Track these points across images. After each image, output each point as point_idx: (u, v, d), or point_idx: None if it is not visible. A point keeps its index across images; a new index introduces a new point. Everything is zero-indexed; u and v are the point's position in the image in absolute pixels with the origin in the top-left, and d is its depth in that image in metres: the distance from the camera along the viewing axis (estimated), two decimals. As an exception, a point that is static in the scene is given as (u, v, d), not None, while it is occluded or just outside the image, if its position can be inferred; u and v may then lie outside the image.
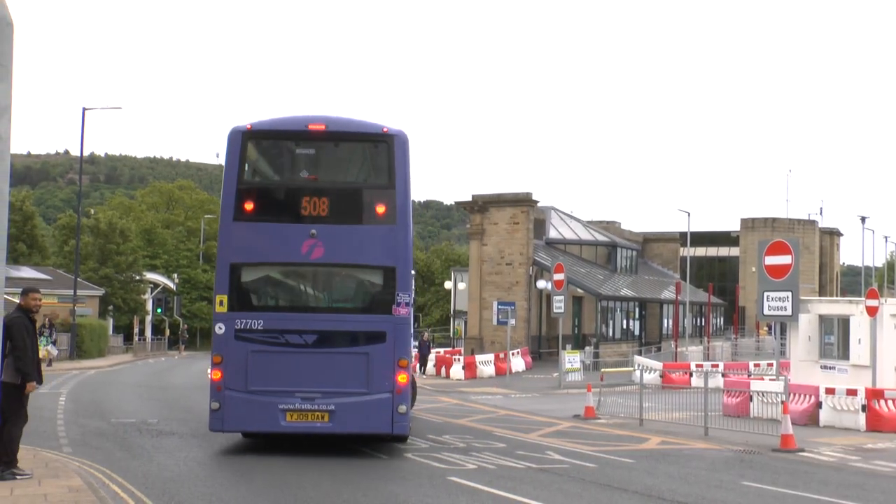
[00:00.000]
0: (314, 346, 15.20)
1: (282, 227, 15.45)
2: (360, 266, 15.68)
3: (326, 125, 15.80)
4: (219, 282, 15.50)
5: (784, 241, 23.16)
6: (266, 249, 15.51)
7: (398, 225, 15.29)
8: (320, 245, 15.19)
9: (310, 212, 15.30)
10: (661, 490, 12.84)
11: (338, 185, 16.09)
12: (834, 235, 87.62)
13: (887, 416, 20.73)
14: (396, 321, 15.24)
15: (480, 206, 53.66)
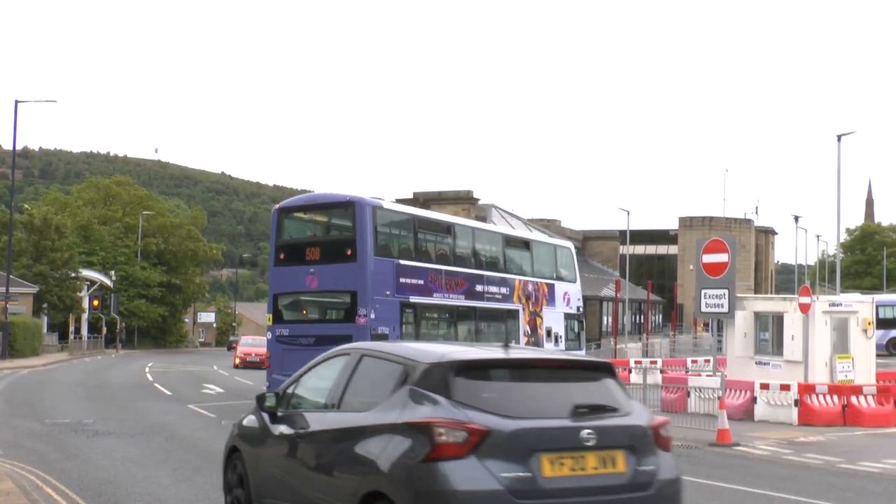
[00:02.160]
0: (314, 345, 20.60)
1: (295, 269, 22.56)
2: (337, 291, 22.20)
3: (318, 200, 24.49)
4: (269, 305, 23.81)
5: (721, 240, 23.50)
6: (288, 282, 22.94)
7: (359, 263, 21.37)
8: (315, 278, 22.13)
9: (309, 257, 22.44)
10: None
11: (324, 238, 23.48)
12: (769, 234, 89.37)
13: (819, 411, 21.20)
14: (358, 327, 20.91)
15: (422, 203, 53.67)
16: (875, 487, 13.53)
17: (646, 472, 6.87)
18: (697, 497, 12.24)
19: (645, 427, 7.05)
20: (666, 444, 7.27)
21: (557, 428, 6.61)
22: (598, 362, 7.57)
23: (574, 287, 30.27)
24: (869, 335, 24.27)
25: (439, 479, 6.27)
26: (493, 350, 7.57)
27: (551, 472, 6.46)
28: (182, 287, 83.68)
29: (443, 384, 6.69)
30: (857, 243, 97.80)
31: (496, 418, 6.46)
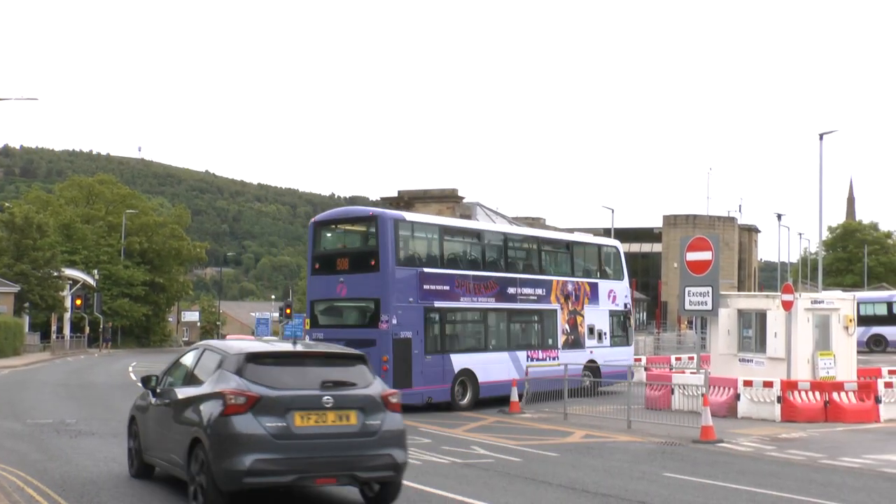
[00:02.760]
0: None
1: (328, 277, 24.24)
2: (363, 298, 23.59)
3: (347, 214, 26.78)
4: (307, 311, 25.78)
5: (705, 238, 23.63)
6: (322, 290, 24.69)
7: (381, 272, 22.88)
8: (344, 286, 23.79)
9: (339, 267, 24.05)
10: (584, 483, 13.00)
11: (351, 249, 24.90)
12: (752, 232, 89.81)
13: (801, 407, 21.32)
14: (381, 332, 22.65)
15: (406, 201, 53.72)
16: (855, 482, 13.64)
17: (373, 425, 10.28)
18: (682, 494, 12.31)
19: (374, 396, 10.49)
20: (394, 408, 10.66)
21: (306, 395, 10.10)
22: (353, 354, 11.12)
23: (621, 285, 30.81)
24: (850, 332, 24.41)
25: (228, 427, 9.81)
26: (282, 345, 11.71)
27: (301, 423, 9.97)
28: (166, 286, 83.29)
29: (238, 368, 10.34)
30: (838, 241, 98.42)
31: (266, 389, 10.01)
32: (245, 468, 9.69)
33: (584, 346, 28.53)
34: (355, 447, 10.20)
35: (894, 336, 50.08)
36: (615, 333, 29.99)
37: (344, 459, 10.14)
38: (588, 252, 30.79)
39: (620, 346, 29.88)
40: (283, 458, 9.83)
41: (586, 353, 28.39)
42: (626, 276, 31.58)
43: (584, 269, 29.95)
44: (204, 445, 10.02)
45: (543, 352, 27.35)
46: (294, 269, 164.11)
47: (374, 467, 10.33)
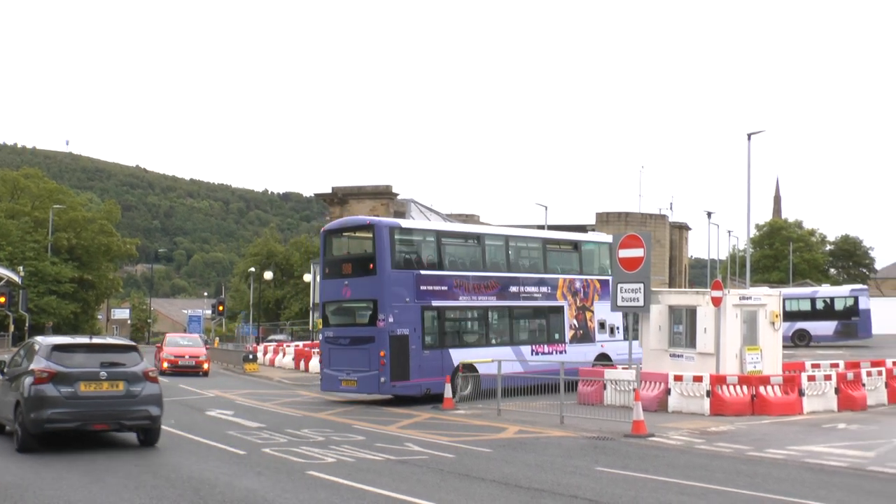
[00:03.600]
0: (349, 345, 25.69)
1: (336, 281, 26.31)
2: (364, 299, 25.51)
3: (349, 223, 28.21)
4: (320, 312, 28.28)
5: (636, 235, 23.90)
6: (331, 293, 26.81)
7: (378, 276, 24.87)
8: (348, 289, 25.86)
9: (345, 272, 26.10)
10: (517, 478, 13.08)
11: (353, 255, 26.80)
12: (683, 229, 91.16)
13: (729, 401, 21.74)
14: (379, 330, 24.67)
15: (340, 198, 53.48)
16: (780, 473, 13.96)
17: (135, 391, 15.59)
18: (613, 487, 12.46)
19: (138, 371, 15.81)
20: (153, 380, 16.02)
21: (88, 371, 15.32)
22: (127, 345, 16.68)
23: None
24: (776, 327, 24.96)
25: (36, 392, 14.96)
26: (81, 339, 17.23)
27: (84, 389, 15.18)
28: (95, 283, 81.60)
29: (47, 354, 15.50)
30: (765, 238, 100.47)
31: (62, 367, 15.20)
32: (45, 418, 14.90)
33: (595, 341, 29.95)
34: (121, 405, 15.44)
35: (817, 331, 51.38)
36: (627, 328, 30.54)
37: (113, 413, 15.40)
38: (598, 250, 31.98)
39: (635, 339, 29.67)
40: (72, 412, 15.04)
41: (597, 346, 29.79)
42: None
43: (594, 266, 31.17)
44: (21, 405, 15.12)
45: (549, 346, 28.79)
46: (227, 265, 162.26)
47: (135, 419, 15.69)
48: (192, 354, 39.52)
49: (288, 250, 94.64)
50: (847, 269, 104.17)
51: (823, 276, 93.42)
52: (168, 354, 39.71)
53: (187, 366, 38.87)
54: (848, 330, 51.23)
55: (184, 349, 40.27)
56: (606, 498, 11.61)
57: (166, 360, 39.31)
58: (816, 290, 58.05)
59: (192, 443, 16.94)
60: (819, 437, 17.94)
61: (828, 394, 22.81)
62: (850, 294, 53.13)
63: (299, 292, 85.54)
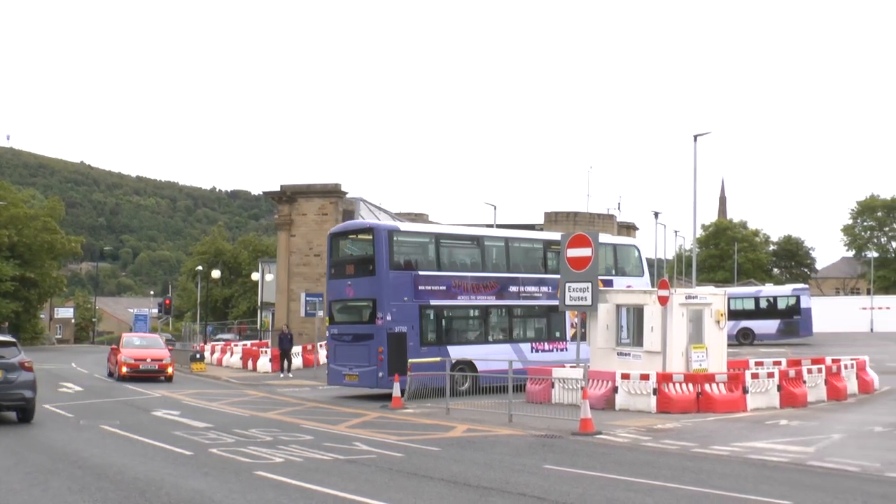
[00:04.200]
0: (351, 342, 27.30)
1: (340, 281, 27.92)
2: (364, 298, 27.02)
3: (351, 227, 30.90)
4: (327, 310, 29.86)
5: (584, 234, 24.10)
6: (337, 292, 28.22)
7: (377, 276, 26.43)
8: (351, 288, 27.45)
9: (348, 272, 27.69)
10: (466, 476, 13.12)
11: (355, 257, 28.27)
12: (630, 229, 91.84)
13: (675, 399, 22.03)
14: (378, 328, 26.20)
15: (289, 196, 53.05)
16: (724, 469, 14.18)
17: (11, 377, 18.93)
18: (561, 485, 12.54)
19: (14, 362, 19.13)
20: (28, 369, 19.37)
21: None
22: (8, 341, 20.16)
23: (640, 281, 32.59)
24: (721, 326, 25.32)
25: None
26: None
27: None
28: (38, 281, 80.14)
29: None
30: (711, 238, 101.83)
31: None
32: None
33: None
34: (2, 389, 18.78)
35: (761, 329, 52.28)
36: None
37: None
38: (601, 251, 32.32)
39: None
40: None
41: None
42: (646, 272, 33.94)
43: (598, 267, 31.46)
44: None
45: (550, 343, 29.93)
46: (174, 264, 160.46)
47: (12, 400, 19.13)
48: (154, 357, 35.39)
49: (236, 249, 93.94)
50: (789, 268, 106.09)
51: (767, 276, 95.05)
52: (127, 357, 35.11)
53: (149, 370, 34.84)
54: (790, 328, 52.21)
55: (144, 351, 35.95)
56: (554, 496, 11.69)
57: (125, 363, 34.85)
58: (760, 289, 59.06)
59: (138, 444, 16.73)
60: (762, 434, 18.27)
61: (771, 391, 23.23)
62: (792, 293, 54.14)
63: (247, 291, 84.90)
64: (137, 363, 34.89)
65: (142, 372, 34.61)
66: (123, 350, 35.82)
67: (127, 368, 34.68)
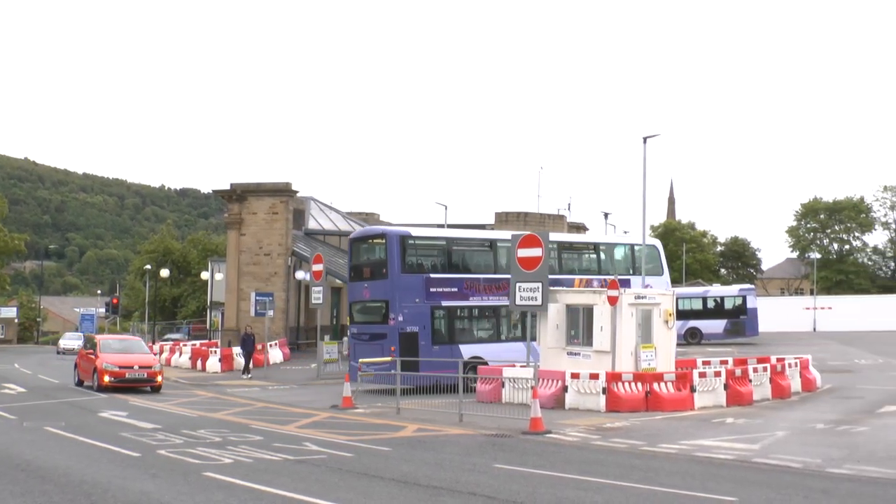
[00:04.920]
0: (367, 341, 28.83)
1: (358, 283, 30.09)
2: (378, 300, 28.79)
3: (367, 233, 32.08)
4: (348, 311, 32.06)
5: (535, 235, 24.23)
6: (355, 294, 30.54)
7: (389, 279, 28.18)
8: (367, 290, 29.40)
9: (365, 275, 29.62)
10: (416, 476, 13.13)
11: (371, 261, 29.84)
12: (581, 230, 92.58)
13: (624, 398, 22.25)
14: (390, 327, 27.91)
15: (239, 195, 52.63)
16: (672, 467, 14.36)
17: None
18: (511, 484, 12.60)
19: None
20: None
21: None
22: None
23: (659, 280, 33.79)
24: (670, 326, 25.62)
25: None
26: None
27: None
28: (-21, 280, 78.56)
29: None
30: (660, 239, 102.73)
31: None
32: None
33: None
34: None
35: (708, 329, 52.98)
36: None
37: None
38: (618, 252, 34.65)
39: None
40: None
41: None
42: (666, 271, 35.06)
43: (612, 267, 33.63)
44: None
45: None
46: (121, 262, 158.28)
47: None
48: (142, 364, 29.95)
49: (185, 247, 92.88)
50: (736, 269, 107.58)
51: (714, 276, 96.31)
52: (110, 364, 29.45)
53: (137, 379, 29.48)
54: (737, 328, 52.98)
55: (129, 357, 30.44)
56: (504, 494, 11.75)
57: (108, 372, 29.22)
58: (707, 289, 59.87)
59: (84, 445, 16.48)
60: (709, 432, 18.53)
61: (717, 390, 23.55)
62: (738, 294, 54.94)
63: (197, 290, 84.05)
64: (123, 371, 29.38)
65: (128, 382, 29.25)
66: (103, 355, 30.05)
67: (110, 378, 29.10)
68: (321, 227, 58.59)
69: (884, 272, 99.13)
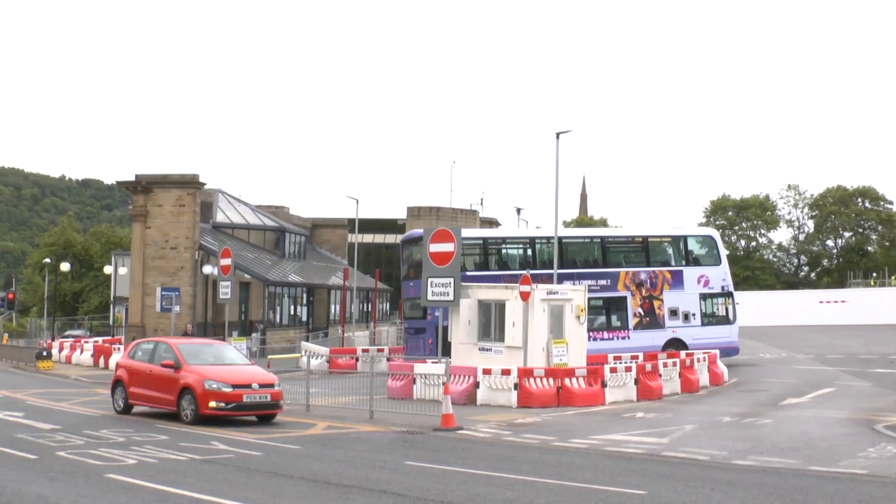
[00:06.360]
0: (414, 334, 32.33)
1: (407, 282, 32.69)
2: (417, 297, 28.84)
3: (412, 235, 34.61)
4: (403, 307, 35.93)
5: (447, 230, 24.14)
6: (406, 292, 32.91)
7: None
8: (412, 289, 31.25)
9: (411, 275, 32.22)
10: (327, 474, 12.92)
11: (415, 261, 31.65)
12: (493, 225, 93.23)
13: (536, 393, 22.35)
14: (429, 322, 30.77)
15: (144, 186, 51.33)
16: (583, 462, 14.45)
17: None
18: (422, 481, 12.48)
19: None
20: None
21: None
22: None
23: (715, 270, 34.39)
24: (581, 321, 25.88)
25: None
26: None
27: None
28: None
29: None
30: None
31: None
32: None
33: (665, 326, 33.06)
34: None
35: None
36: (708, 314, 33.73)
37: None
38: (669, 243, 35.33)
39: (717, 324, 33.67)
40: None
41: (667, 332, 32.91)
42: (724, 261, 35.28)
43: (663, 259, 34.38)
44: None
45: (610, 332, 32.50)
46: (18, 256, 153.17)
47: None
48: (261, 381, 20.00)
49: (87, 240, 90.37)
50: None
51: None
52: (216, 383, 19.42)
53: (259, 404, 19.78)
54: (646, 323, 53.82)
55: (238, 371, 20.41)
56: (415, 492, 11.62)
57: (215, 394, 19.27)
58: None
59: (-24, 447, 15.76)
60: (619, 426, 18.74)
61: (628, 385, 23.87)
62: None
63: (99, 285, 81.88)
64: (239, 393, 19.45)
65: (247, 408, 19.70)
66: (197, 368, 20.10)
67: (219, 402, 19.27)
68: (230, 220, 57.62)
69: (787, 268, 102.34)
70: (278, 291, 52.58)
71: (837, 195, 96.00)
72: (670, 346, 32.25)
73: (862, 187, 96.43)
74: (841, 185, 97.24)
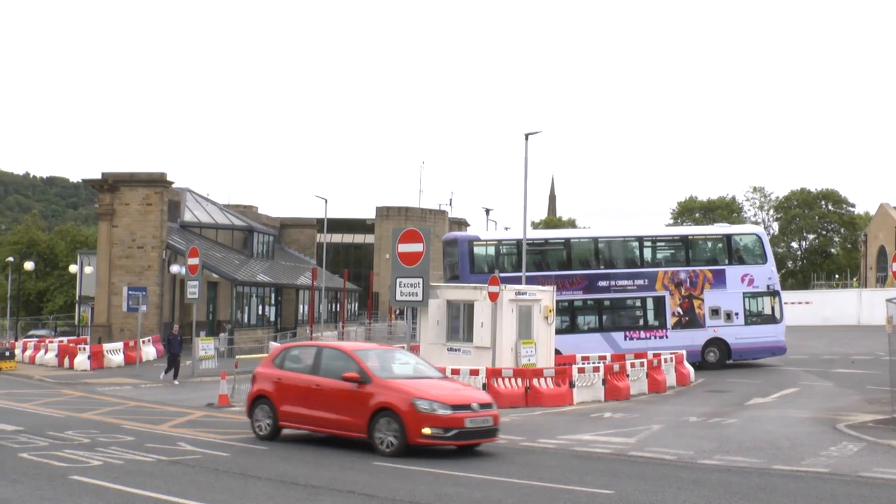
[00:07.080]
0: None
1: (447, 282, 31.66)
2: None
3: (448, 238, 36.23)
4: None
5: (416, 230, 24.10)
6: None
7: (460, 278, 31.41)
8: None
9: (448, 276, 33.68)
10: (295, 475, 12.88)
11: (452, 263, 33.24)
12: (462, 225, 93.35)
13: (504, 393, 22.40)
14: None
15: (111, 184, 50.83)
16: (551, 461, 14.52)
17: None
18: (391, 481, 12.48)
19: None
20: None
21: None
22: None
23: (760, 269, 33.90)
24: (549, 322, 25.99)
25: None
26: None
27: None
28: None
29: None
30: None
31: None
32: None
33: (705, 326, 32.84)
34: None
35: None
36: (752, 313, 33.39)
37: None
38: (710, 243, 35.43)
39: (761, 324, 33.30)
40: None
41: (708, 331, 32.75)
42: (771, 259, 34.77)
43: (705, 258, 34.23)
44: None
45: (647, 332, 32.54)
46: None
47: None
48: (481, 402, 15.88)
49: (52, 239, 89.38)
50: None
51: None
52: (432, 403, 15.10)
53: (481, 430, 15.58)
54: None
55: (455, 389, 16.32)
56: (384, 492, 11.61)
57: (430, 417, 14.95)
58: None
59: (-62, 448, 15.53)
60: (587, 426, 18.83)
61: (596, 385, 23.99)
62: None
63: (64, 284, 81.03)
64: (460, 417, 15.21)
65: (469, 435, 15.42)
66: (394, 384, 15.84)
67: (434, 428, 14.98)
68: (198, 219, 57.22)
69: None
70: (246, 291, 52.27)
71: (802, 198, 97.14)
72: (711, 345, 32.45)
73: (825, 190, 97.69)
74: (805, 188, 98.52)
